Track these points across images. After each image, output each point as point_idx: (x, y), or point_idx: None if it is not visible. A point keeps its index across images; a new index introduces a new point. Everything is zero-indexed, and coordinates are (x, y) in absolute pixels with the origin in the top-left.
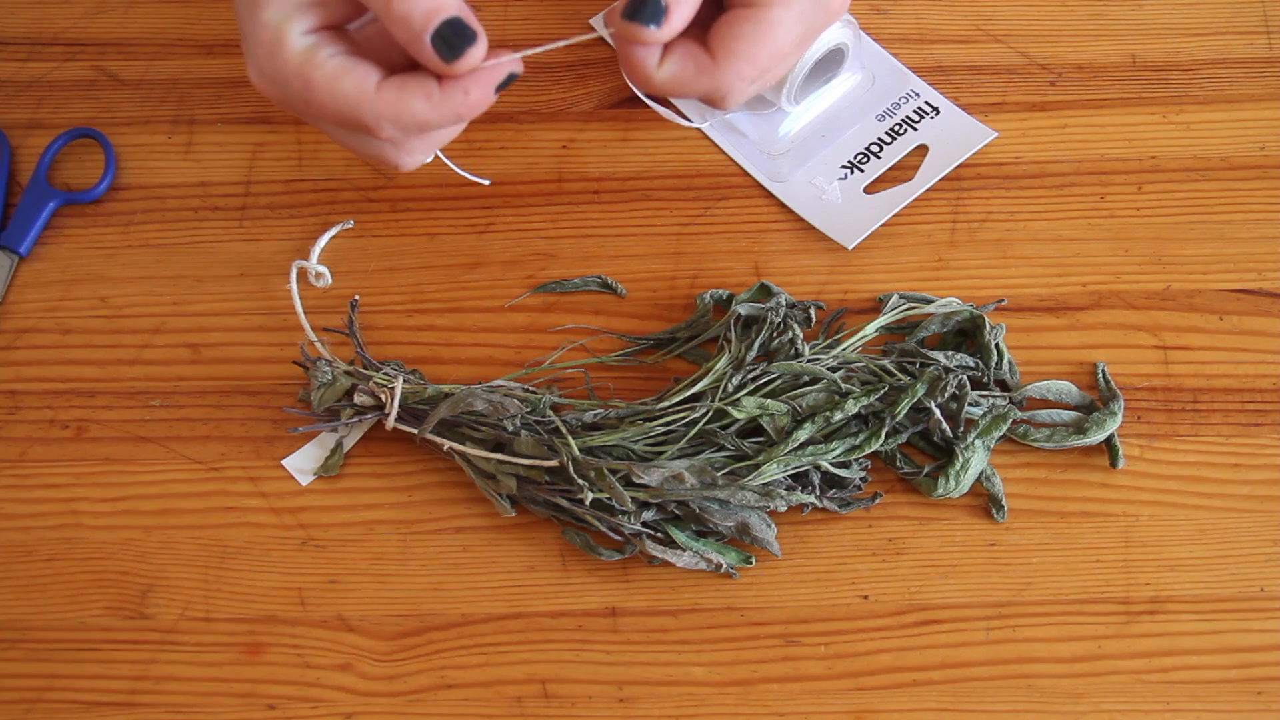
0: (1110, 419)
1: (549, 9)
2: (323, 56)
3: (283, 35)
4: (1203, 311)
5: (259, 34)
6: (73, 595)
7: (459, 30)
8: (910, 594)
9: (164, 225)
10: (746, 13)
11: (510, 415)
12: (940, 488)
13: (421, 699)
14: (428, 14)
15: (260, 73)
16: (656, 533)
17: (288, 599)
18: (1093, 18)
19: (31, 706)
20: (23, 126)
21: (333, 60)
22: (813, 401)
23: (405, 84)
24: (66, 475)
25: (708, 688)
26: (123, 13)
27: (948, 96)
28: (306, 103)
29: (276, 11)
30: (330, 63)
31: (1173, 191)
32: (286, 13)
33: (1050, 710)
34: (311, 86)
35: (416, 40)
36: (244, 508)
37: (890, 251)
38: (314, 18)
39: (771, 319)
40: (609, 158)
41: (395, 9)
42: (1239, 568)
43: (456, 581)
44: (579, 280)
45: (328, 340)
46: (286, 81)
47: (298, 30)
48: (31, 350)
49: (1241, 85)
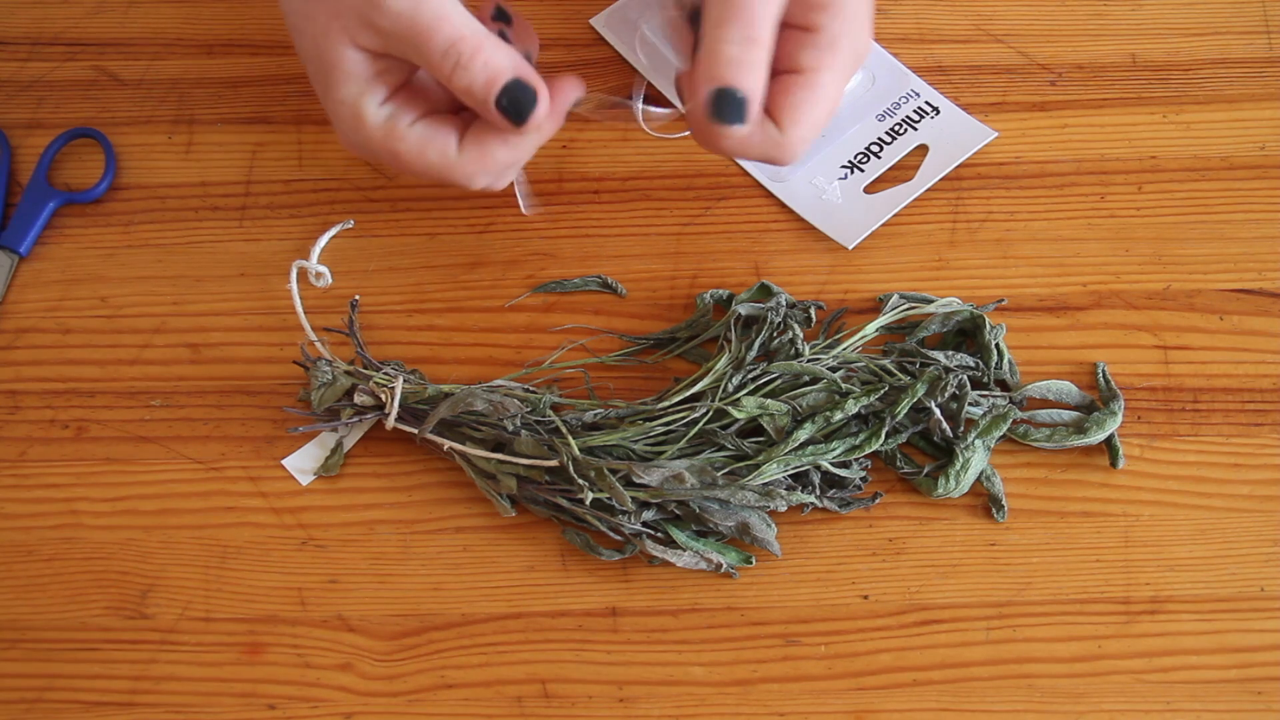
0: (1110, 419)
1: (549, 9)
2: (403, 128)
3: (360, 111)
4: (1203, 311)
5: (339, 111)
6: (73, 595)
7: (521, 93)
8: (910, 594)
9: (164, 225)
10: (799, 79)
11: (510, 415)
12: (940, 488)
13: (421, 699)
14: (488, 84)
15: (350, 144)
16: (656, 533)
17: (288, 599)
18: (1093, 18)
19: (31, 706)
20: (23, 126)
21: (413, 131)
22: (813, 401)
23: (483, 139)
24: (66, 475)
25: (708, 688)
26: (123, 13)
27: (948, 96)
28: (399, 169)
29: (350, 90)
30: (411, 134)
31: (1173, 191)
32: (360, 89)
33: (1050, 710)
34: (399, 157)
35: (483, 108)
36: (244, 508)
37: (890, 251)
38: (384, 87)
39: (771, 319)
40: (609, 158)
41: (457, 83)
42: (1239, 568)
43: (456, 581)
44: (579, 280)
45: (328, 340)
46: (375, 153)
47: (373, 104)
48: (31, 350)
49: (1241, 85)
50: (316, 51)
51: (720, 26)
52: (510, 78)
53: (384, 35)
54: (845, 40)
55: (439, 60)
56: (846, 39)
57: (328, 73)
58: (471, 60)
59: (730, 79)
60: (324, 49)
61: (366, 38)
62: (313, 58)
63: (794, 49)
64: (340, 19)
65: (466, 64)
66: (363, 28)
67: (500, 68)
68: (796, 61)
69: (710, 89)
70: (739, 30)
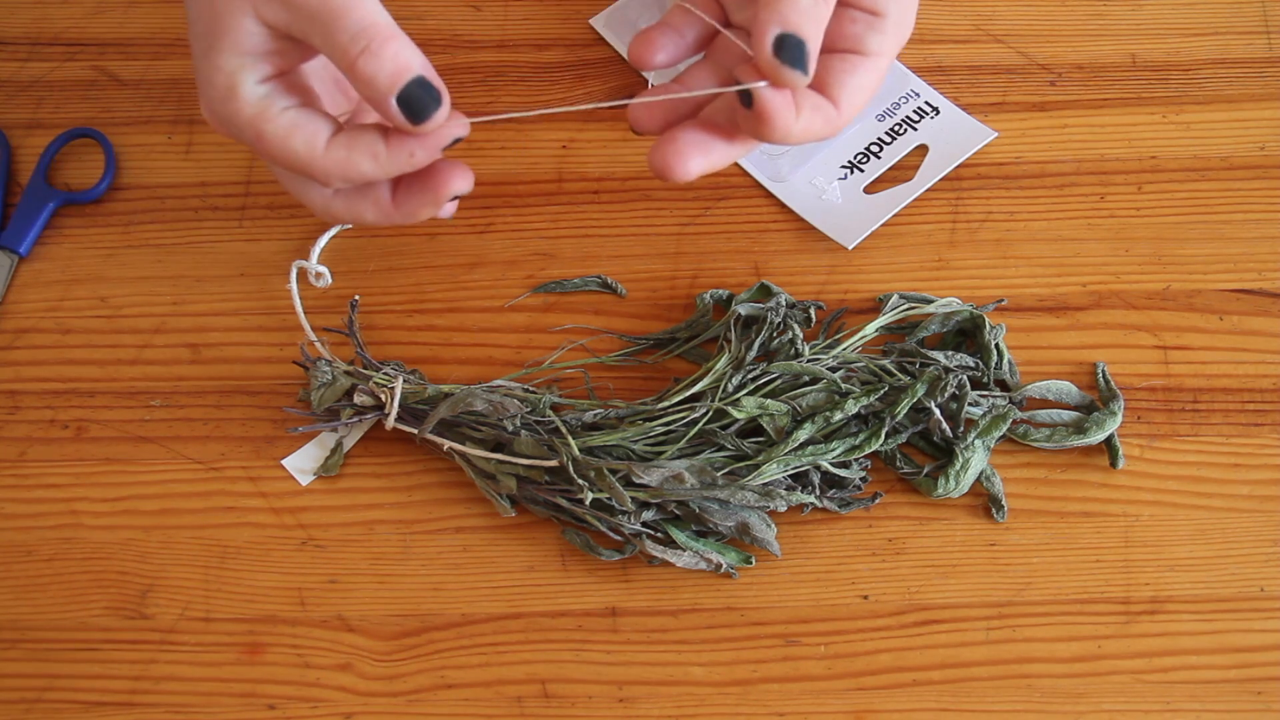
0: (1110, 419)
1: (549, 9)
2: (275, 110)
3: (236, 83)
4: (1203, 311)
5: (214, 77)
6: (73, 595)
7: (425, 92)
8: (910, 594)
9: (164, 225)
10: (861, 61)
11: (510, 415)
12: (940, 488)
13: (421, 699)
14: (393, 75)
15: (213, 114)
16: (656, 533)
17: (288, 599)
18: (1093, 18)
19: (31, 706)
20: (23, 126)
21: (285, 114)
22: (813, 401)
23: (353, 144)
24: (66, 475)
25: (708, 688)
26: (123, 13)
27: (948, 96)
28: (257, 150)
29: (231, 59)
30: (282, 117)
31: (1173, 191)
32: (241, 61)
33: (1050, 710)
34: (263, 138)
35: (381, 100)
36: (244, 508)
37: (890, 251)
38: (268, 66)
39: (771, 319)
40: (609, 158)
41: (361, 69)
42: (1239, 568)
43: (456, 581)
44: (579, 280)
45: (328, 340)
46: (239, 128)
47: (252, 79)
48: (31, 350)
49: (1241, 85)
50: (211, 13)
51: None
52: (417, 74)
53: (293, 10)
54: (904, 28)
55: (347, 42)
56: (904, 25)
57: (216, 37)
58: (382, 47)
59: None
60: (221, 12)
61: (272, 11)
62: (203, 18)
63: (860, 30)
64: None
65: (377, 50)
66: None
67: (409, 62)
68: (861, 44)
69: (778, 30)
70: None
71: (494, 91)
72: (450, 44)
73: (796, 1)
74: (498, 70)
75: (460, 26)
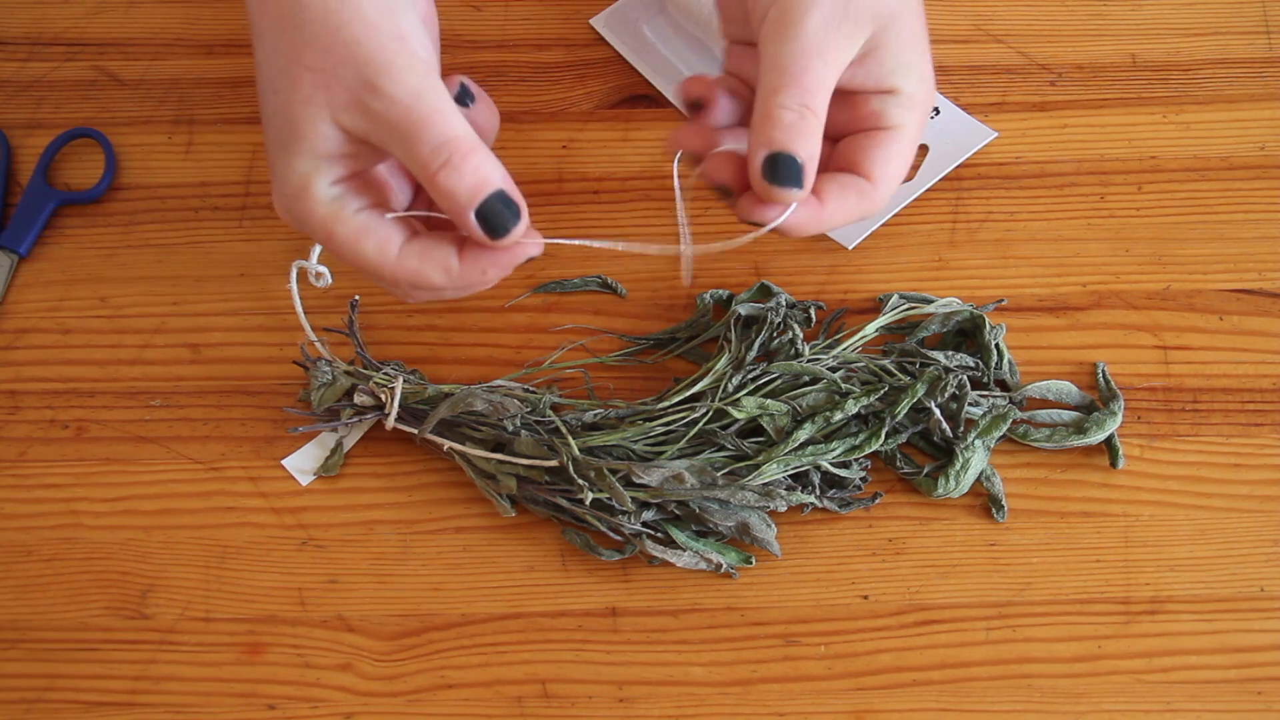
0: (1110, 419)
1: (549, 9)
2: (348, 212)
3: (310, 184)
4: (1203, 311)
5: (288, 176)
6: (73, 595)
7: (505, 207)
8: (910, 594)
9: (164, 225)
10: (890, 133)
11: (510, 415)
12: (940, 488)
13: (421, 699)
14: (474, 189)
15: (286, 210)
16: (656, 533)
17: (288, 599)
18: (1093, 18)
19: (31, 706)
20: (23, 126)
21: (357, 218)
22: (813, 401)
23: (425, 256)
24: (66, 475)
25: (708, 688)
26: (123, 13)
27: (948, 96)
28: (328, 248)
29: (307, 161)
30: (354, 220)
31: (1173, 191)
32: (316, 163)
33: (1050, 710)
34: (334, 239)
35: (461, 214)
36: (244, 508)
37: (890, 251)
38: (343, 168)
39: (771, 319)
40: (609, 158)
41: (441, 183)
42: (1239, 568)
43: (456, 581)
44: (579, 280)
45: (328, 340)
46: (310, 226)
47: (325, 181)
48: (31, 350)
49: (1241, 85)
50: (287, 115)
51: (777, 93)
52: (497, 188)
53: (372, 120)
54: (922, 95)
55: (428, 155)
56: (924, 93)
57: (292, 140)
58: (463, 162)
59: (785, 143)
60: (298, 116)
61: (351, 118)
62: (280, 120)
63: (879, 107)
64: (327, 91)
65: (458, 165)
66: (350, 108)
67: (489, 176)
68: (882, 119)
69: (765, 153)
70: (796, 97)
71: (494, 91)
72: (450, 44)
73: (779, 120)
74: (498, 70)
75: (460, 26)
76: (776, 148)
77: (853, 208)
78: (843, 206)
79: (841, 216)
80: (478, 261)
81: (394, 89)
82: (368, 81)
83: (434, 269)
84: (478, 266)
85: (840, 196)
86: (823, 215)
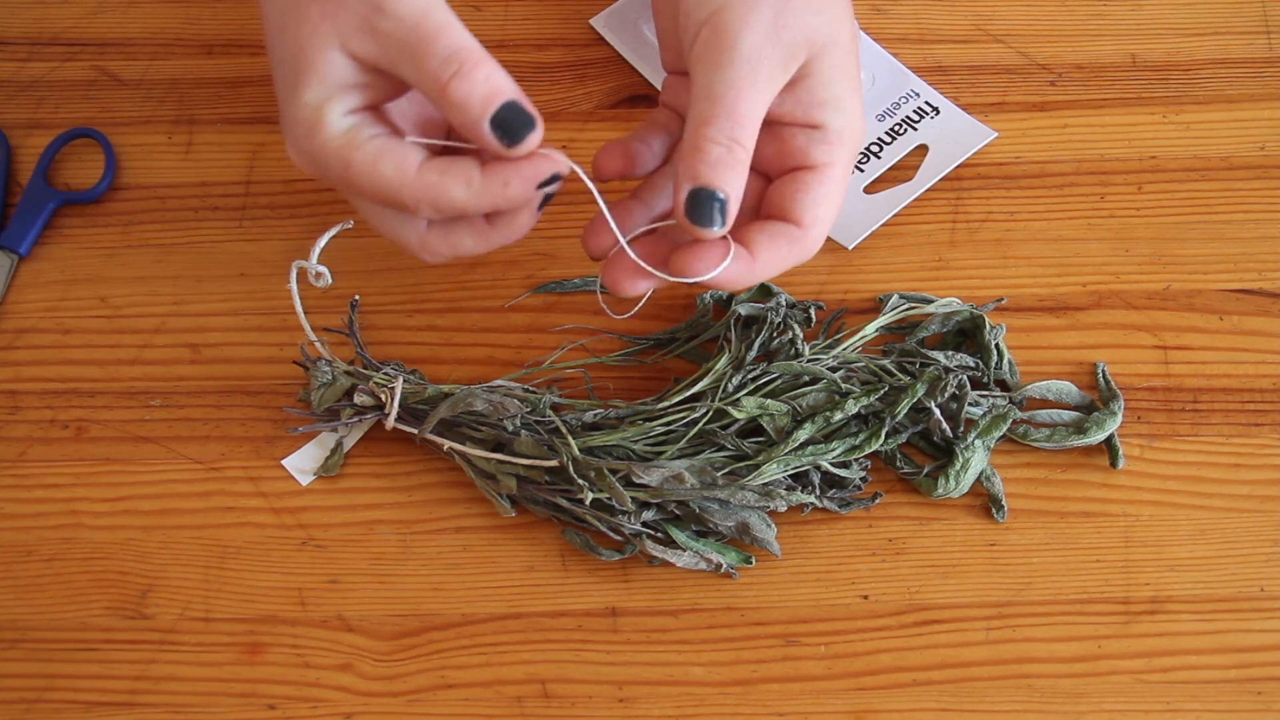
0: (1110, 419)
1: (549, 9)
2: (363, 138)
3: (322, 116)
4: (1203, 311)
5: (298, 114)
6: (73, 595)
7: (518, 114)
8: (910, 594)
9: (164, 225)
10: (814, 175)
11: (510, 415)
12: (940, 488)
13: (421, 699)
14: (486, 98)
15: (299, 151)
16: (656, 533)
17: (288, 599)
18: (1093, 18)
19: (31, 706)
20: (23, 126)
21: (373, 141)
22: (813, 401)
23: (447, 169)
24: (66, 475)
25: (708, 688)
26: (123, 13)
27: (948, 96)
28: (345, 182)
29: (318, 92)
30: (370, 144)
31: (1173, 191)
32: (328, 93)
33: (1050, 710)
34: (351, 167)
35: (474, 124)
36: (244, 508)
37: (890, 251)
38: (356, 98)
39: (771, 319)
40: None
41: (453, 94)
42: (1239, 568)
43: (456, 581)
44: (579, 280)
45: (328, 340)
46: (325, 162)
47: (339, 111)
48: (31, 350)
49: (1241, 85)
50: (295, 49)
51: (706, 125)
52: (510, 97)
53: (382, 40)
54: (850, 132)
55: (438, 67)
56: (850, 130)
57: (301, 72)
58: (474, 70)
59: (710, 179)
60: (307, 47)
61: (360, 43)
62: (288, 56)
63: (803, 144)
64: (335, 19)
65: (469, 73)
66: (359, 31)
67: (501, 86)
68: (806, 157)
69: (690, 187)
70: (726, 130)
71: None
72: None
73: (706, 154)
74: None
75: None
76: (702, 182)
77: (785, 256)
78: (774, 257)
79: (774, 267)
80: (499, 172)
81: (400, 8)
82: (374, 3)
83: (455, 181)
84: (500, 178)
85: (772, 247)
86: (754, 268)
